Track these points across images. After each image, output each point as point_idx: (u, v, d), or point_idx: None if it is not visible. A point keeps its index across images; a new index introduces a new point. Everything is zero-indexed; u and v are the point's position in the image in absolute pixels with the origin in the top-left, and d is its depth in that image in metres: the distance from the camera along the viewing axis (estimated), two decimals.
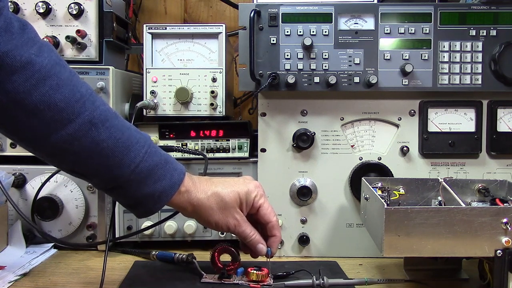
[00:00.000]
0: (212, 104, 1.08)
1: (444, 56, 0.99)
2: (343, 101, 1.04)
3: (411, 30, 0.99)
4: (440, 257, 0.90)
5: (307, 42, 0.97)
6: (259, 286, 0.86)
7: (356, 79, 0.99)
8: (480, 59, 0.99)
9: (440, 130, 1.03)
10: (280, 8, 0.99)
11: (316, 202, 1.06)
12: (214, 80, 1.08)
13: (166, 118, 1.10)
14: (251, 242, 0.84)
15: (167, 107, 1.09)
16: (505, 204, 0.87)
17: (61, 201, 1.05)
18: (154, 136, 1.09)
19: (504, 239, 0.73)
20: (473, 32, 0.99)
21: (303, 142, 1.02)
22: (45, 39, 1.05)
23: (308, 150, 1.04)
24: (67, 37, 1.07)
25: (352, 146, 1.05)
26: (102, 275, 0.83)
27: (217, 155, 1.09)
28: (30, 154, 1.05)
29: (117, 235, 1.07)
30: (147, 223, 1.05)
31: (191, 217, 0.82)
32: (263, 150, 1.06)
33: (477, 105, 1.03)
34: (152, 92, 1.08)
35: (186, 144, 1.09)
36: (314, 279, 0.85)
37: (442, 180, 0.93)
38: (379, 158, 1.04)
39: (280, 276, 0.90)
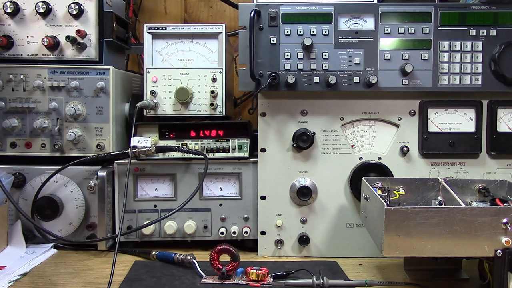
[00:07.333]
0: (212, 104, 1.08)
1: (444, 56, 0.99)
2: (343, 101, 1.04)
3: (411, 30, 0.99)
4: (440, 257, 0.90)
5: (307, 42, 0.97)
6: (259, 285, 0.86)
7: (356, 79, 0.99)
8: (480, 59, 0.99)
9: (440, 130, 1.03)
10: (280, 8, 0.99)
11: (316, 202, 1.06)
12: (214, 80, 1.08)
13: (166, 118, 1.10)
14: None
15: (167, 107, 1.09)
16: (505, 204, 0.87)
17: (61, 201, 1.05)
18: (154, 136, 1.09)
19: (504, 239, 0.73)
20: (473, 32, 0.99)
21: (303, 142, 1.02)
22: (45, 39, 1.06)
23: (308, 150, 1.04)
24: (67, 37, 1.07)
25: (352, 146, 1.05)
26: (111, 273, 0.85)
27: (217, 155, 1.09)
28: (30, 154, 1.08)
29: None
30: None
31: None
32: (263, 150, 1.06)
33: (477, 105, 1.03)
34: (152, 92, 1.08)
35: (186, 144, 1.09)
36: (314, 279, 0.85)
37: (442, 180, 0.93)
38: (379, 158, 1.04)
39: (280, 275, 0.90)
